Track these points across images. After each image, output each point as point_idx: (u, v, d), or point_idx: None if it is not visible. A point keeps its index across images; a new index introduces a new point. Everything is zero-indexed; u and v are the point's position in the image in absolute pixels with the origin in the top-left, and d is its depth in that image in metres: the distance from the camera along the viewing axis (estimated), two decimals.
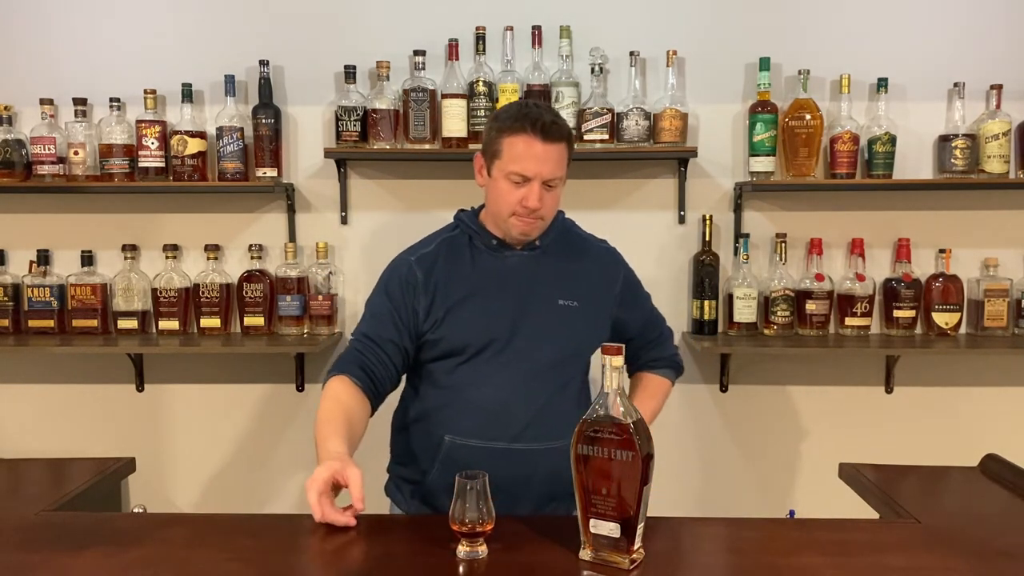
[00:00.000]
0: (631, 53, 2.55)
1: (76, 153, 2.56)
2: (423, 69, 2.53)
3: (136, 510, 2.39)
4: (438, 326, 1.73)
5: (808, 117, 2.52)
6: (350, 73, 2.54)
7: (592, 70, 2.53)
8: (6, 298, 2.64)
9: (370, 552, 1.38)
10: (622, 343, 1.32)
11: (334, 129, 2.56)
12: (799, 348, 2.56)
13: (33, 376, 2.77)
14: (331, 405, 1.63)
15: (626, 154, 2.56)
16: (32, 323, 2.64)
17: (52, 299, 2.64)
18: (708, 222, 2.62)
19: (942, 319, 2.62)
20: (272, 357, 2.74)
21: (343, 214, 2.69)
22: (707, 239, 2.62)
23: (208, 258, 2.65)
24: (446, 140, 2.53)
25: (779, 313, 2.59)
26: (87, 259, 2.66)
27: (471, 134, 2.52)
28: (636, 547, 1.30)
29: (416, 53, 2.54)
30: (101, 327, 2.65)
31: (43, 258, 2.67)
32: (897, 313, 2.62)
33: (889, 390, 2.72)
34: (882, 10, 2.59)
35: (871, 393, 2.73)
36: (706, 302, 2.61)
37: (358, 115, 2.53)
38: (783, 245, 2.62)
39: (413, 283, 1.75)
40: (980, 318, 2.61)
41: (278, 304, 2.62)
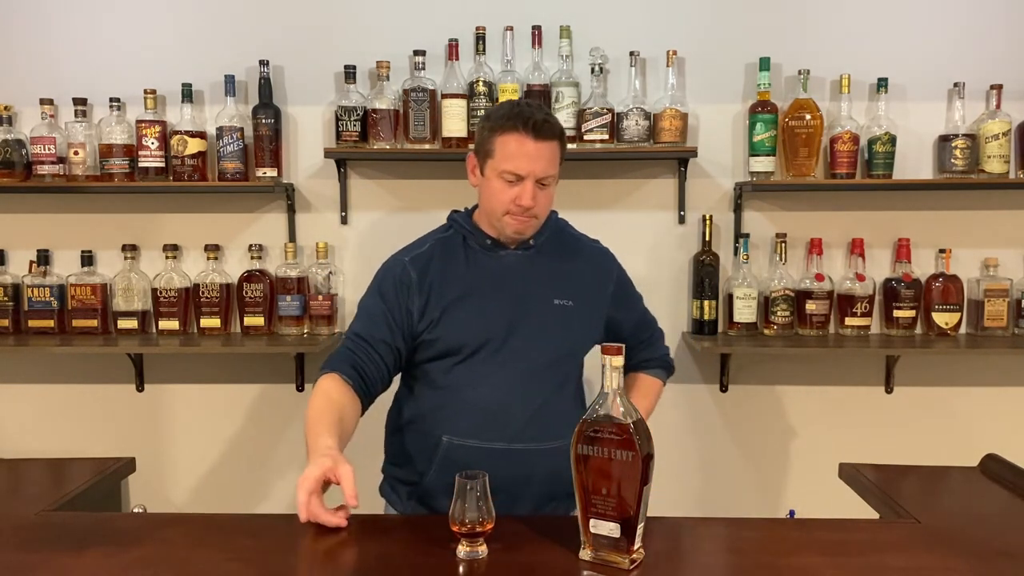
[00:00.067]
0: (631, 53, 2.55)
1: (76, 153, 2.56)
2: (423, 69, 2.53)
3: (136, 510, 2.39)
4: (434, 326, 1.73)
5: (808, 117, 2.52)
6: (350, 73, 2.54)
7: (592, 70, 2.53)
8: (6, 298, 2.64)
9: (369, 552, 1.38)
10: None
11: (334, 129, 2.56)
12: (799, 348, 2.56)
13: (33, 376, 2.77)
14: (322, 402, 1.61)
15: (626, 154, 2.56)
16: (32, 323, 2.64)
17: (52, 299, 2.64)
18: (708, 222, 2.62)
19: (942, 319, 2.62)
20: (272, 357, 2.74)
21: (343, 214, 2.69)
22: (707, 239, 2.62)
23: (208, 258, 2.65)
24: (446, 140, 2.53)
25: (779, 313, 2.59)
26: (87, 259, 2.66)
27: (471, 134, 2.51)
28: (636, 547, 1.30)
29: (416, 53, 2.54)
30: (101, 327, 2.65)
31: (43, 258, 2.67)
32: (897, 313, 2.62)
33: (889, 390, 2.73)
34: (882, 10, 2.59)
35: (871, 393, 2.73)
36: (706, 302, 2.61)
37: (358, 115, 2.53)
38: (783, 245, 2.62)
39: (407, 283, 1.74)
40: (980, 318, 2.61)
41: (278, 304, 2.62)
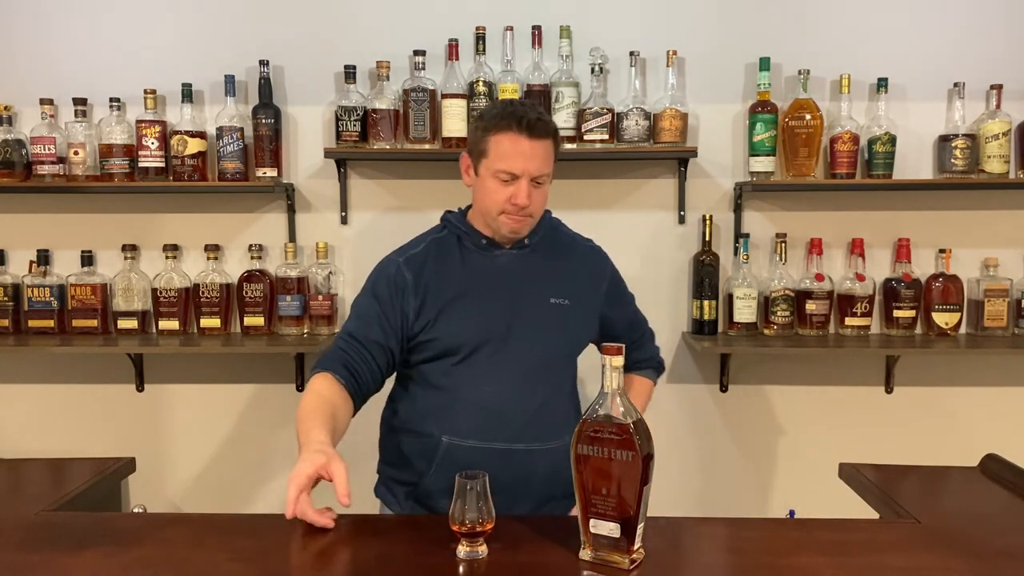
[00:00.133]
0: (631, 53, 2.55)
1: (76, 153, 2.56)
2: (423, 69, 2.53)
3: (136, 510, 2.39)
4: (431, 327, 1.72)
5: (808, 117, 2.52)
6: (350, 73, 2.54)
7: (592, 70, 2.53)
8: (6, 298, 2.64)
9: (370, 552, 1.38)
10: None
11: (334, 129, 2.56)
12: (799, 348, 2.56)
13: (33, 376, 2.77)
14: (314, 400, 1.61)
15: (626, 154, 2.56)
16: (32, 323, 2.64)
17: (52, 299, 2.64)
18: (708, 222, 2.62)
19: (942, 319, 2.62)
20: (272, 357, 2.74)
21: (343, 214, 2.69)
22: (707, 239, 2.62)
23: (208, 258, 2.65)
24: (446, 140, 2.53)
25: (779, 313, 2.59)
26: (87, 259, 2.66)
27: None
28: (636, 547, 1.30)
29: (416, 53, 2.54)
30: (101, 327, 2.65)
31: (43, 258, 2.67)
32: (897, 313, 2.62)
33: (889, 390, 2.72)
34: (882, 10, 2.59)
35: (871, 393, 2.73)
36: (706, 302, 2.61)
37: (358, 115, 2.53)
38: (783, 245, 2.62)
39: (402, 284, 1.74)
40: (980, 318, 2.61)
41: (278, 304, 2.62)
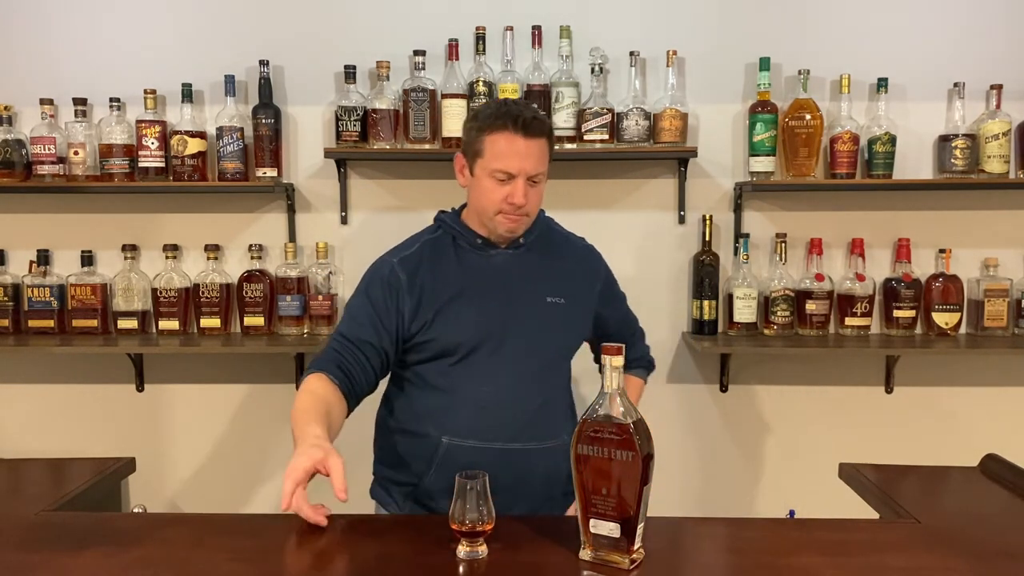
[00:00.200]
0: (631, 53, 2.55)
1: (76, 153, 2.56)
2: (423, 69, 2.53)
3: (136, 510, 2.40)
4: (428, 327, 1.72)
5: (808, 117, 2.52)
6: (350, 73, 2.54)
7: (592, 70, 2.53)
8: (6, 298, 2.64)
9: (369, 552, 1.38)
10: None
11: (334, 129, 2.56)
12: (799, 348, 2.56)
13: (33, 376, 2.77)
14: (309, 398, 1.60)
15: (626, 154, 2.56)
16: (32, 323, 2.64)
17: (52, 299, 2.64)
18: (708, 222, 2.62)
19: (942, 319, 2.61)
20: (272, 357, 2.74)
21: (343, 214, 2.69)
22: (707, 239, 2.62)
23: (208, 258, 2.65)
24: (446, 140, 2.53)
25: (779, 313, 2.59)
26: (87, 259, 2.66)
27: None
28: (636, 547, 1.30)
29: (416, 53, 2.54)
30: (101, 327, 2.65)
31: (43, 258, 2.67)
32: (897, 313, 2.62)
33: (889, 390, 2.72)
34: (882, 10, 2.59)
35: (871, 393, 2.73)
36: (706, 302, 2.61)
37: (358, 115, 2.53)
38: (783, 245, 2.62)
39: (396, 285, 1.73)
40: (980, 318, 2.61)
41: (278, 304, 2.62)
